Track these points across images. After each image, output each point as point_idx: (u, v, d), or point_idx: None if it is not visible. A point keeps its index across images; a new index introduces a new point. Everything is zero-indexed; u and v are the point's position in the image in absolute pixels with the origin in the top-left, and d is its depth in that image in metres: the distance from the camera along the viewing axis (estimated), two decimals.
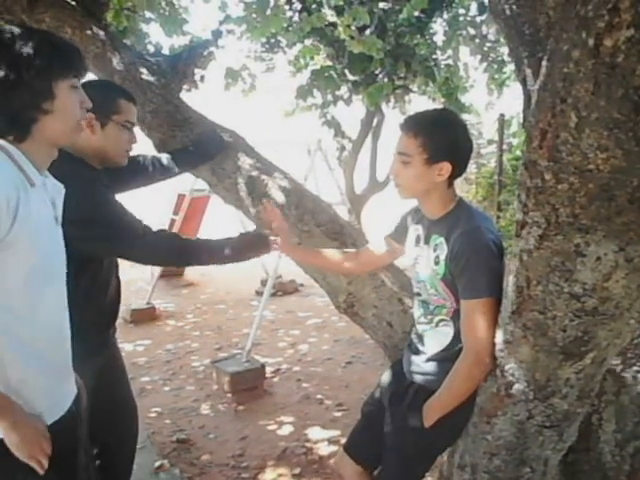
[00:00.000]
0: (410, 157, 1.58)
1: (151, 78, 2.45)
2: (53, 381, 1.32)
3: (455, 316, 1.61)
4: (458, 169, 1.60)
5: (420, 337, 1.72)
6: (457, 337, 1.60)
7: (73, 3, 2.77)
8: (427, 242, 1.68)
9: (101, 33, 2.65)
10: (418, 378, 1.70)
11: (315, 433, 3.17)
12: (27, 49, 1.19)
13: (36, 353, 1.26)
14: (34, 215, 1.21)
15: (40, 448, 1.21)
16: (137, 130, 2.07)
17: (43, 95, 1.22)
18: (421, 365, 1.69)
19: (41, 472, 1.21)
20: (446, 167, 1.57)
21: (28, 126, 1.22)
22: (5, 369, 1.21)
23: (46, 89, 1.22)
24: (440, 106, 6.01)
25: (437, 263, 1.61)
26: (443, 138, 1.58)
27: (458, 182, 1.70)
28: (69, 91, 1.26)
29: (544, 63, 1.09)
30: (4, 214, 1.13)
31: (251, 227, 2.45)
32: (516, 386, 1.48)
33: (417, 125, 1.60)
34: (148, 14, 3.80)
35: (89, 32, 2.64)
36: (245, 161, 2.31)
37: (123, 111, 1.86)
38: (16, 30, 1.21)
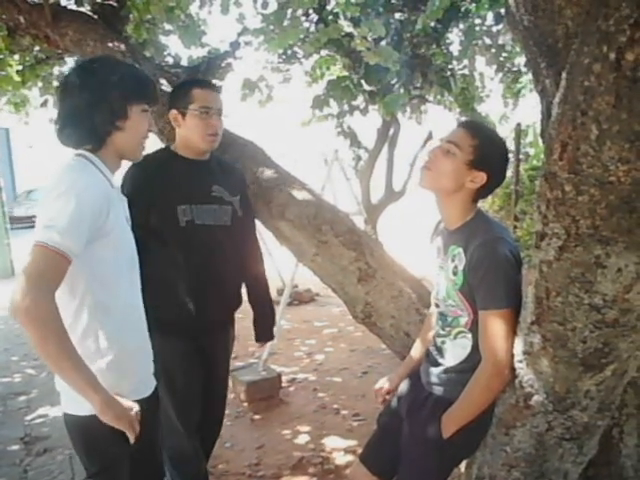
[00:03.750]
0: (458, 149, 1.58)
1: (170, 89, 2.49)
2: (138, 363, 1.53)
3: (473, 327, 1.60)
4: (488, 187, 1.62)
5: (439, 349, 1.72)
6: (476, 349, 1.59)
7: (95, 17, 2.83)
8: (445, 252, 1.68)
9: (122, 45, 2.71)
10: (437, 389, 1.69)
11: (331, 443, 3.16)
12: (114, 77, 1.46)
13: (126, 334, 1.49)
14: (117, 212, 1.46)
15: (129, 423, 1.39)
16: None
17: (119, 114, 1.47)
18: (440, 376, 1.69)
19: (131, 441, 1.41)
20: (481, 177, 1.58)
21: (103, 138, 1.48)
22: (99, 347, 1.42)
23: (122, 110, 1.47)
24: (456, 116, 6.02)
25: (455, 274, 1.61)
26: (494, 151, 1.61)
27: None
28: (140, 114, 1.52)
29: (564, 76, 1.09)
30: (105, 206, 1.39)
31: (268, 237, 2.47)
32: (535, 397, 1.47)
33: (479, 129, 1.63)
34: (167, 26, 3.86)
35: (110, 44, 2.69)
36: (263, 171, 2.33)
37: (197, 99, 1.97)
38: (108, 60, 1.54)
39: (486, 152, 1.58)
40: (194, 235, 1.97)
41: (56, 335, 1.28)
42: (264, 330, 2.35)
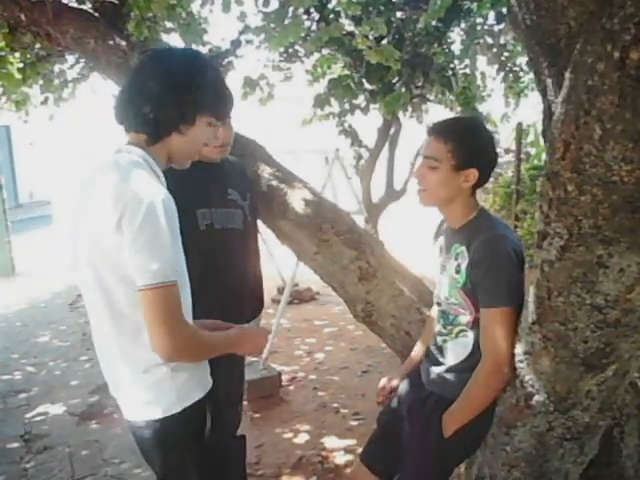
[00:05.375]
0: (438, 162, 1.59)
1: None
2: (199, 365, 1.49)
3: (474, 326, 1.60)
4: (483, 177, 1.62)
5: (440, 348, 1.71)
6: (477, 348, 1.59)
7: (96, 15, 2.82)
8: (448, 251, 1.68)
9: (123, 43, 2.70)
10: (438, 388, 1.69)
11: (331, 442, 3.16)
12: (197, 82, 1.38)
13: None
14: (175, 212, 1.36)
15: (260, 349, 1.62)
16: None
17: (186, 120, 1.39)
18: (441, 376, 1.69)
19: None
20: (473, 174, 1.58)
21: (161, 136, 1.39)
22: None
23: (191, 117, 1.39)
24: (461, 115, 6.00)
25: (458, 272, 1.61)
26: (473, 145, 1.59)
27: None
28: (205, 126, 1.45)
29: (567, 75, 1.09)
30: (175, 218, 1.32)
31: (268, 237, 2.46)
32: (536, 397, 1.46)
33: (448, 131, 1.61)
34: (168, 24, 3.85)
35: (111, 42, 2.68)
36: (265, 170, 2.32)
37: None
38: (199, 60, 1.45)
39: (465, 150, 1.57)
40: (212, 239, 1.95)
41: (210, 345, 1.42)
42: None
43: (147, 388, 1.38)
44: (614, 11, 0.91)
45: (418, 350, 1.91)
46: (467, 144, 1.58)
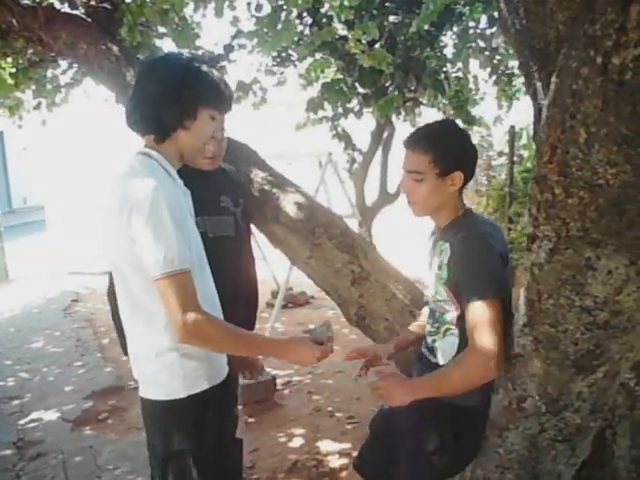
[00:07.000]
0: (422, 174, 1.60)
1: None
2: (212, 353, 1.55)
3: (459, 324, 1.59)
4: (468, 176, 1.63)
5: (431, 349, 1.72)
6: (463, 347, 1.58)
7: (89, 20, 2.83)
8: (434, 249, 1.71)
9: (115, 48, 2.71)
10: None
11: (326, 446, 3.15)
12: (194, 78, 1.48)
13: None
14: (185, 212, 1.47)
15: (313, 358, 1.57)
16: None
17: (188, 114, 1.48)
18: None
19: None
20: (458, 176, 1.60)
21: (168, 133, 1.49)
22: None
23: (192, 110, 1.48)
24: (450, 118, 6.02)
25: (440, 267, 1.62)
26: (452, 149, 1.61)
27: (469, 194, 1.72)
28: (208, 119, 1.53)
29: (553, 79, 1.10)
30: (182, 213, 1.42)
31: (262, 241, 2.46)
32: (528, 400, 1.47)
33: (425, 141, 1.62)
34: (161, 29, 3.85)
35: (103, 47, 2.69)
36: (257, 174, 2.33)
37: None
38: (195, 60, 1.53)
39: (447, 157, 1.59)
40: (206, 247, 1.94)
41: (228, 335, 1.44)
42: None
43: (158, 370, 1.48)
44: (596, 17, 0.92)
45: (407, 332, 1.94)
46: (446, 149, 1.59)
